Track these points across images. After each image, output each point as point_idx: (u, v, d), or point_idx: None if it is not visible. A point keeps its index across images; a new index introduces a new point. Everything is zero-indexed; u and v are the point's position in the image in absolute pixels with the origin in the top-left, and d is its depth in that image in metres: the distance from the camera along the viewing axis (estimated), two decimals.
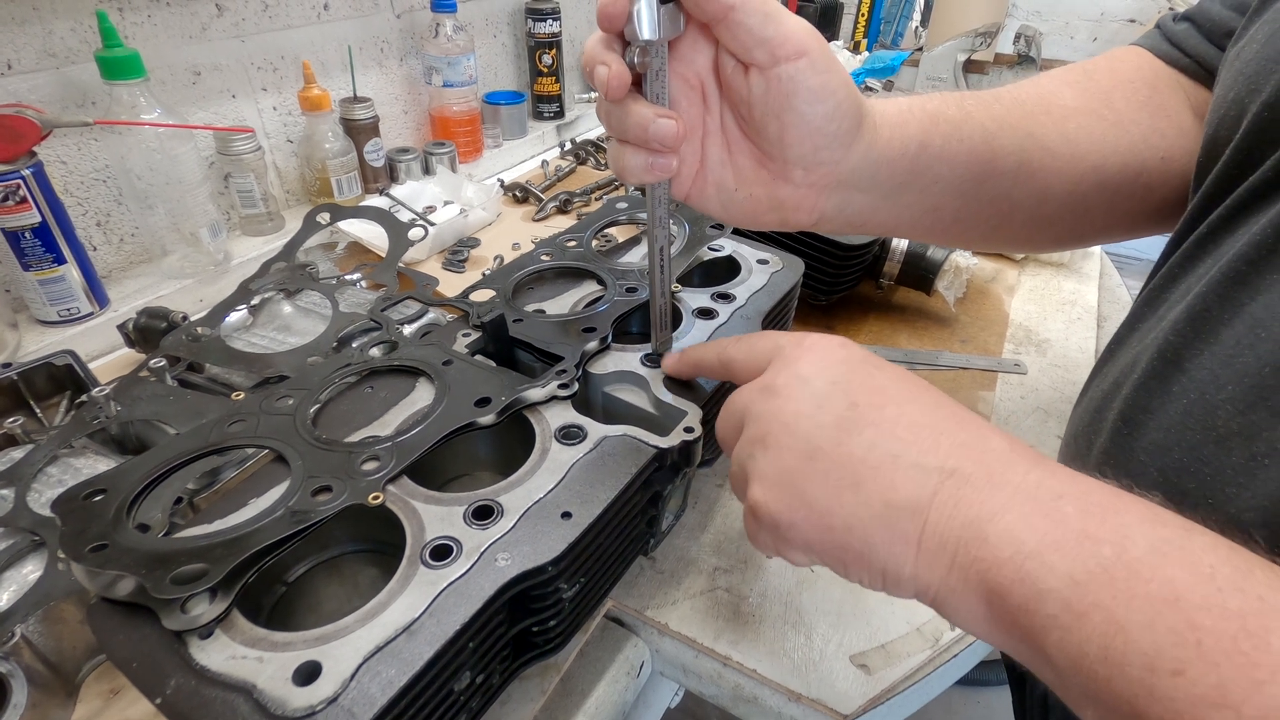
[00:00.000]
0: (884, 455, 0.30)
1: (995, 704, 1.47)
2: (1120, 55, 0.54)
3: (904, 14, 2.27)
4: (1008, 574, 0.26)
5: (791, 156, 0.39)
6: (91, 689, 0.42)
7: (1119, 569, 0.24)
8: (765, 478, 0.33)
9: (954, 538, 0.28)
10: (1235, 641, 0.21)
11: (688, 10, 0.35)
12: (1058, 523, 0.26)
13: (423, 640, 0.32)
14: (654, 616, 0.48)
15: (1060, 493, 0.27)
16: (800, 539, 0.32)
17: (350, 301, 0.62)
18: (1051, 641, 0.25)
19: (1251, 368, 0.32)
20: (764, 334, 0.41)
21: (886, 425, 0.31)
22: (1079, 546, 0.25)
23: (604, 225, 0.69)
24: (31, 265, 0.68)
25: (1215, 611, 0.22)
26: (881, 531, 0.30)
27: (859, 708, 0.43)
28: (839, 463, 0.31)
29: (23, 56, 0.70)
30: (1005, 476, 0.28)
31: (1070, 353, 0.78)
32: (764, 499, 0.33)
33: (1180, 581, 0.23)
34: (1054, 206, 0.50)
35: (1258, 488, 0.31)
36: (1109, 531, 0.25)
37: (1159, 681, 0.22)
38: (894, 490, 0.30)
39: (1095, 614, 0.24)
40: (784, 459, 0.32)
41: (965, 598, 0.28)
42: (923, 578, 0.29)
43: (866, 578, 0.31)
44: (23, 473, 0.47)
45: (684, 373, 0.48)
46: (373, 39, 1.06)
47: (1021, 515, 0.27)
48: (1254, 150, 0.36)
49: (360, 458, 0.41)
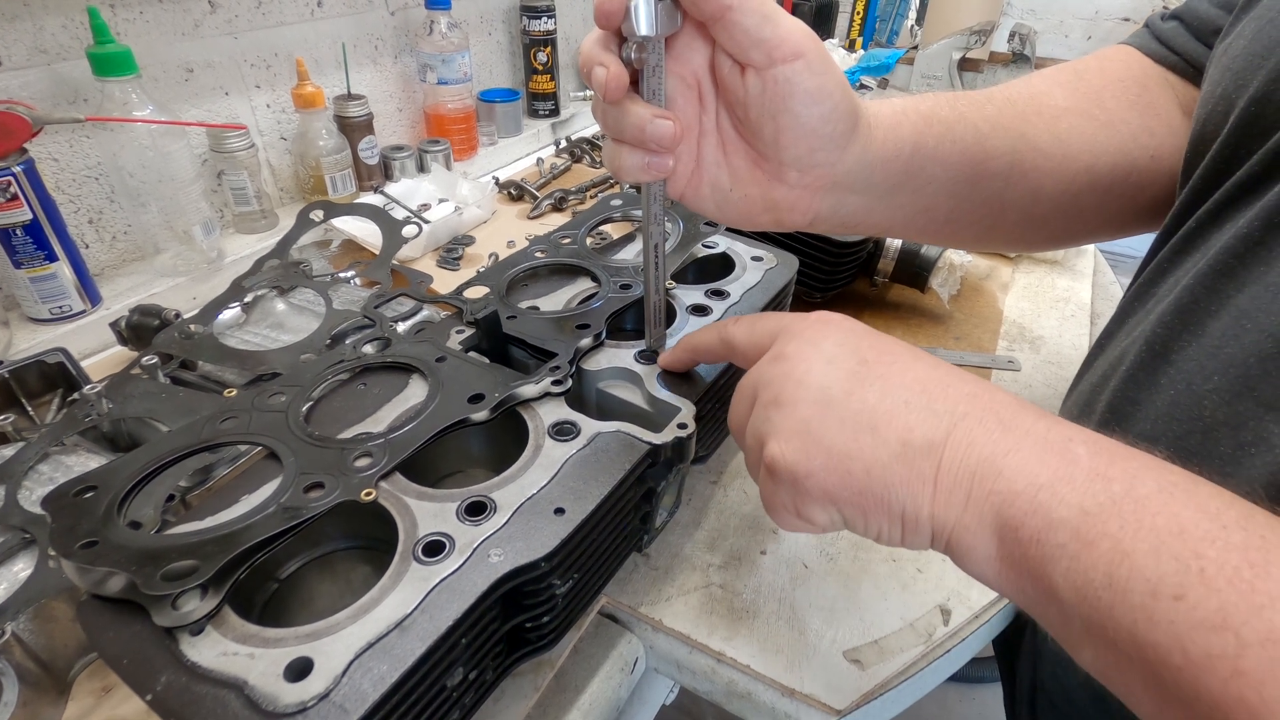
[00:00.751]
0: (896, 402, 0.31)
1: (988, 700, 1.48)
2: (1110, 54, 0.54)
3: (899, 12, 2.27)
4: (1021, 505, 0.27)
5: (787, 158, 0.39)
6: (83, 687, 0.42)
7: (1128, 503, 0.25)
8: (782, 432, 0.33)
9: (969, 473, 0.29)
10: (1238, 570, 0.22)
11: (685, 9, 0.35)
12: (1070, 461, 0.27)
13: (415, 636, 0.32)
14: (648, 613, 0.48)
15: (1070, 436, 0.28)
16: (819, 487, 0.32)
17: (344, 299, 0.62)
18: (1059, 571, 0.25)
19: (1237, 358, 0.33)
20: (765, 314, 0.41)
21: (895, 378, 0.32)
22: (1090, 482, 0.26)
23: (598, 222, 0.69)
24: (23, 263, 0.68)
25: (1219, 544, 0.23)
26: (900, 470, 0.30)
27: (852, 703, 0.43)
28: (854, 410, 0.31)
29: (13, 52, 0.69)
30: (1016, 421, 0.29)
31: (1064, 350, 0.78)
32: (781, 451, 0.32)
33: (1186, 517, 0.24)
34: (1046, 206, 0.50)
35: (1243, 474, 0.31)
36: (1119, 471, 0.26)
37: (1160, 605, 0.23)
38: (910, 430, 0.30)
39: (1103, 542, 0.24)
40: (800, 410, 0.33)
41: (979, 535, 0.28)
42: (939, 516, 0.29)
43: (885, 524, 0.31)
44: (14, 470, 0.47)
45: (683, 360, 0.47)
46: (367, 36, 1.05)
47: (1035, 453, 0.28)
48: (1240, 145, 0.37)
49: (353, 454, 0.41)
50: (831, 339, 0.34)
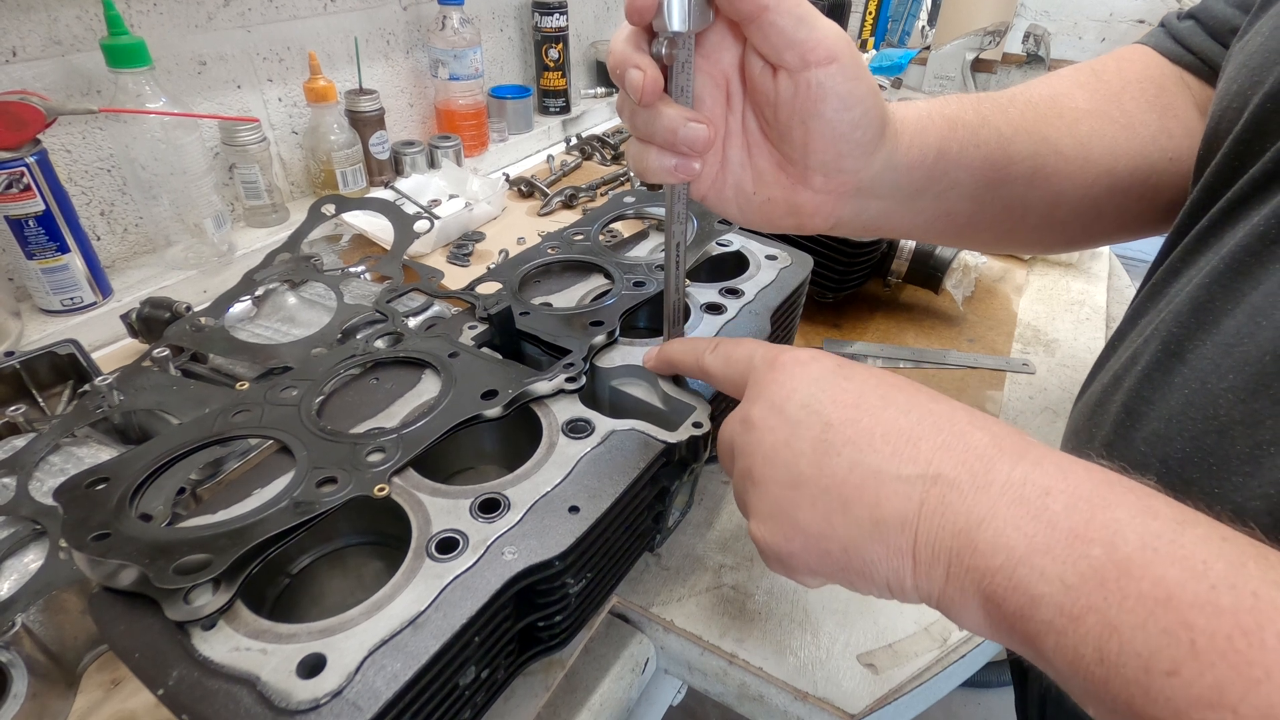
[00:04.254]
0: (865, 473, 0.30)
1: (996, 706, 1.47)
2: (1127, 54, 0.53)
3: (911, 13, 2.26)
4: (1000, 582, 0.26)
5: (814, 162, 0.39)
6: (92, 679, 0.42)
7: (1109, 569, 0.24)
8: (759, 513, 0.34)
9: (945, 548, 0.28)
10: (1230, 640, 0.21)
11: (719, 7, 0.35)
12: (1046, 524, 0.26)
13: (429, 634, 0.32)
14: (659, 613, 0.47)
15: (1047, 488, 0.27)
16: (803, 565, 0.32)
17: (355, 293, 0.62)
18: (1048, 645, 0.25)
19: (1253, 356, 0.32)
20: (739, 343, 0.40)
21: (863, 440, 0.31)
22: (1069, 548, 0.25)
23: (611, 219, 0.68)
24: (35, 254, 0.68)
25: (1208, 610, 0.22)
26: (877, 548, 0.29)
27: (866, 707, 0.43)
28: (824, 488, 0.31)
29: (28, 43, 0.69)
30: (989, 476, 0.28)
31: (1079, 353, 0.77)
32: (761, 534, 0.33)
33: (1172, 579, 0.23)
34: (1066, 210, 0.49)
35: (1264, 475, 0.31)
36: (1098, 529, 0.25)
37: (1154, 682, 0.22)
38: (879, 507, 0.29)
39: (1089, 617, 0.23)
40: (771, 491, 0.33)
41: (965, 605, 0.28)
42: (924, 588, 0.29)
43: (875, 591, 0.31)
44: (25, 461, 0.47)
45: (661, 370, 0.47)
46: (379, 31, 1.05)
47: (1009, 519, 0.26)
48: (1254, 141, 0.36)
49: (366, 449, 0.41)
50: (796, 398, 0.33)
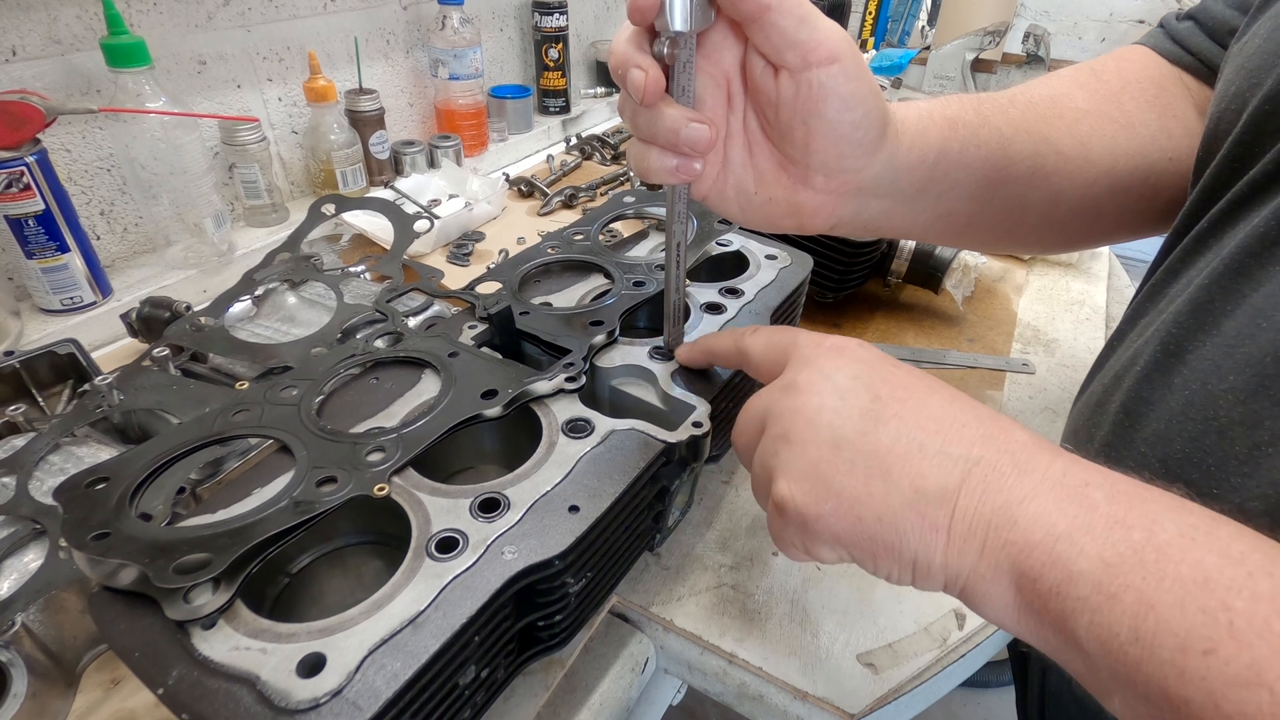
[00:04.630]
0: (910, 445, 0.30)
1: (996, 706, 1.47)
2: (1126, 54, 0.54)
3: (911, 13, 2.26)
4: (1039, 557, 0.26)
5: (815, 163, 0.39)
6: (92, 678, 0.42)
7: (1149, 551, 0.24)
8: (791, 471, 0.32)
9: (984, 523, 0.28)
10: (1268, 622, 0.21)
11: (721, 7, 0.35)
12: (1087, 508, 0.26)
13: (429, 633, 0.32)
14: (659, 613, 0.47)
15: (1087, 480, 0.27)
16: (829, 531, 0.31)
17: (355, 293, 0.62)
18: (1082, 625, 0.25)
19: (1253, 357, 0.32)
20: (781, 328, 0.40)
21: (910, 416, 0.31)
22: (1109, 530, 0.25)
23: (611, 219, 0.68)
24: (35, 253, 0.68)
25: (1246, 594, 0.22)
26: (912, 519, 0.29)
27: (866, 707, 0.43)
28: (866, 453, 0.31)
29: (28, 43, 0.69)
30: (1031, 464, 0.28)
31: (1079, 353, 0.78)
32: (790, 493, 0.32)
33: (1210, 564, 0.23)
34: (1066, 210, 0.49)
35: (1263, 476, 0.31)
36: (1138, 517, 0.25)
37: (1190, 661, 0.22)
38: (923, 478, 0.29)
39: (1126, 595, 0.24)
40: (809, 451, 0.32)
41: (995, 585, 0.28)
42: (953, 565, 0.29)
43: (896, 569, 0.31)
44: (24, 460, 0.47)
45: (698, 361, 0.47)
46: (379, 30, 1.05)
47: (1051, 500, 0.27)
48: (1253, 143, 0.36)
49: (365, 449, 0.41)
50: (845, 371, 0.33)
